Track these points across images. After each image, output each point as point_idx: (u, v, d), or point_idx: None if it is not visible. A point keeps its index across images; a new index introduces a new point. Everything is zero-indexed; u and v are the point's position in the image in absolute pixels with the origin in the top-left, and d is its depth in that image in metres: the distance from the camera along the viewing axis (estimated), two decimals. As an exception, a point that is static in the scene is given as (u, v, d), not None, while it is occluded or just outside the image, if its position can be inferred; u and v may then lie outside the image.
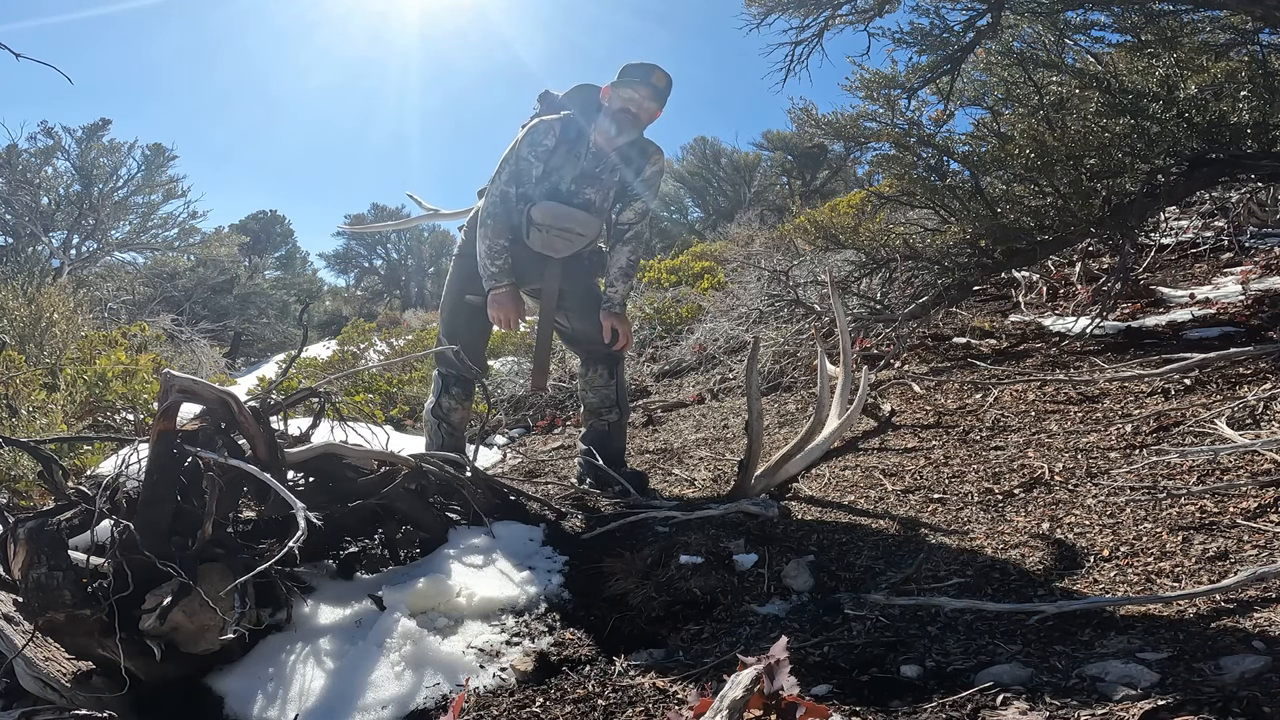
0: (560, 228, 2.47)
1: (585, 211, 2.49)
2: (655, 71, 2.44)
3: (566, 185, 2.50)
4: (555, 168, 2.50)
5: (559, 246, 2.51)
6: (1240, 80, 2.97)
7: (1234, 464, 1.76)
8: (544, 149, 2.49)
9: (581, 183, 2.51)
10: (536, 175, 2.50)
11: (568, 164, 2.50)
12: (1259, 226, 4.39)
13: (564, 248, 2.52)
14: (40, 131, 14.34)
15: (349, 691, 1.37)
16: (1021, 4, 3.17)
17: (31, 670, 1.30)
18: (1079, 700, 1.01)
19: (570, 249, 2.53)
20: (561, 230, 2.48)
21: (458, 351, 2.39)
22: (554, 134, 2.48)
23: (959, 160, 3.41)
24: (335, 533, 1.87)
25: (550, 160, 2.50)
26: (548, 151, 2.49)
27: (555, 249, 2.51)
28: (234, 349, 15.57)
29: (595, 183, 2.52)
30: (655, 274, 7.43)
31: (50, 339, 4.61)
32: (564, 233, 2.48)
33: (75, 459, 2.91)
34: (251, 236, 22.25)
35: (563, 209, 2.47)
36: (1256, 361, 2.36)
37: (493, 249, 2.46)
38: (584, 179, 2.51)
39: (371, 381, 4.74)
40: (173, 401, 1.48)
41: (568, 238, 2.49)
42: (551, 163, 2.50)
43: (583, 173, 2.51)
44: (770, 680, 0.99)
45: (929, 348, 3.71)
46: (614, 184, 2.57)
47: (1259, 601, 1.22)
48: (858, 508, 2.06)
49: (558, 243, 2.50)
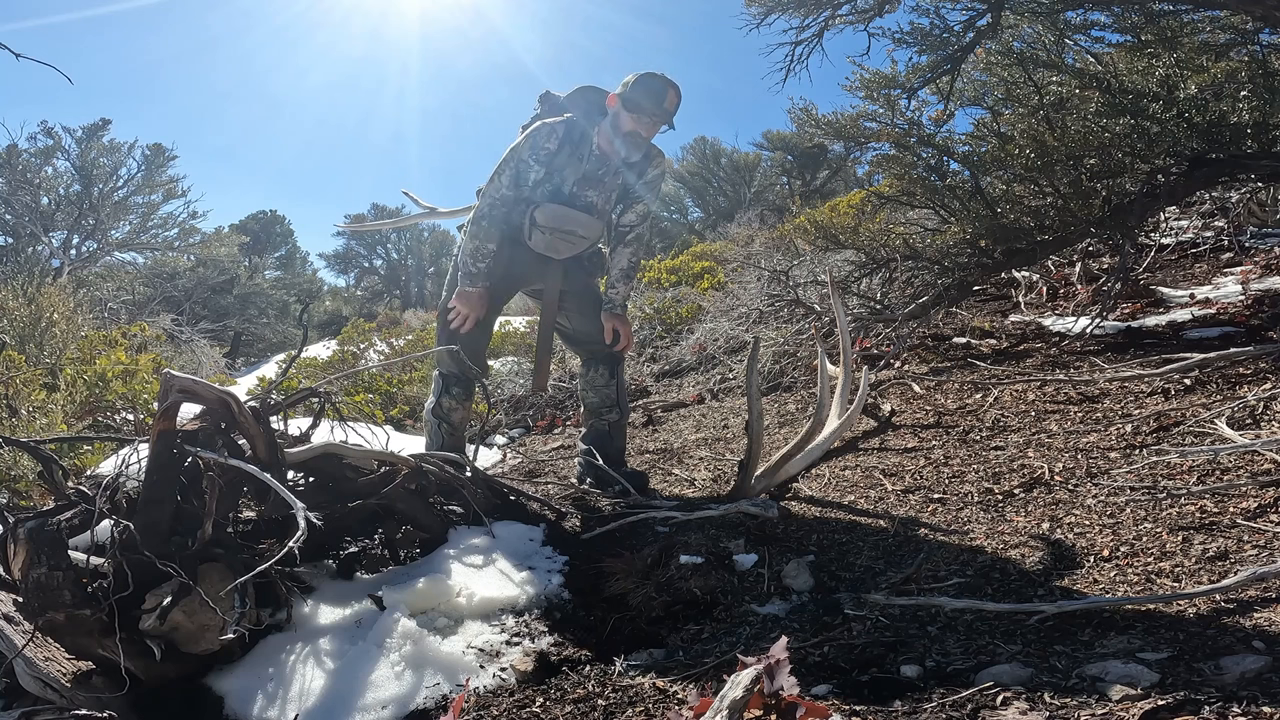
0: (563, 230, 2.48)
1: (587, 214, 2.49)
2: (667, 94, 2.42)
3: (569, 187, 2.50)
4: (557, 170, 2.49)
5: (561, 248, 2.51)
6: (1240, 80, 2.97)
7: (1234, 464, 1.76)
8: (545, 151, 2.47)
9: (584, 185, 2.51)
10: (536, 178, 2.49)
11: (570, 166, 2.49)
12: (1259, 226, 4.39)
13: (566, 250, 2.52)
14: (40, 131, 14.38)
15: (349, 691, 1.37)
16: (1021, 4, 3.17)
17: (31, 670, 1.30)
18: (1079, 700, 1.01)
19: (572, 251, 2.54)
20: (564, 232, 2.48)
21: (457, 351, 2.39)
22: (556, 136, 2.47)
23: (959, 160, 3.41)
24: (335, 533, 1.87)
25: (552, 162, 2.49)
26: (549, 154, 2.48)
27: (557, 251, 2.52)
28: (234, 349, 15.57)
29: (598, 185, 2.52)
30: (655, 274, 7.43)
31: (50, 339, 4.61)
32: (567, 235, 2.49)
33: (75, 459, 2.91)
34: (251, 236, 22.24)
35: (566, 211, 2.47)
36: (1256, 361, 2.36)
37: (479, 251, 2.46)
38: (586, 181, 2.51)
39: (371, 381, 4.75)
40: (173, 401, 1.48)
41: (570, 240, 2.50)
42: (554, 165, 2.49)
43: (585, 175, 2.50)
44: (770, 680, 0.99)
45: (929, 348, 3.71)
46: (616, 186, 2.57)
47: (1259, 601, 1.22)
48: (858, 508, 2.06)
49: (560, 245, 2.50)
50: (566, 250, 2.51)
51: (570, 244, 2.50)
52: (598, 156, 2.49)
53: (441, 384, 2.64)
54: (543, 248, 2.50)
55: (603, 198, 2.54)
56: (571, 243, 2.50)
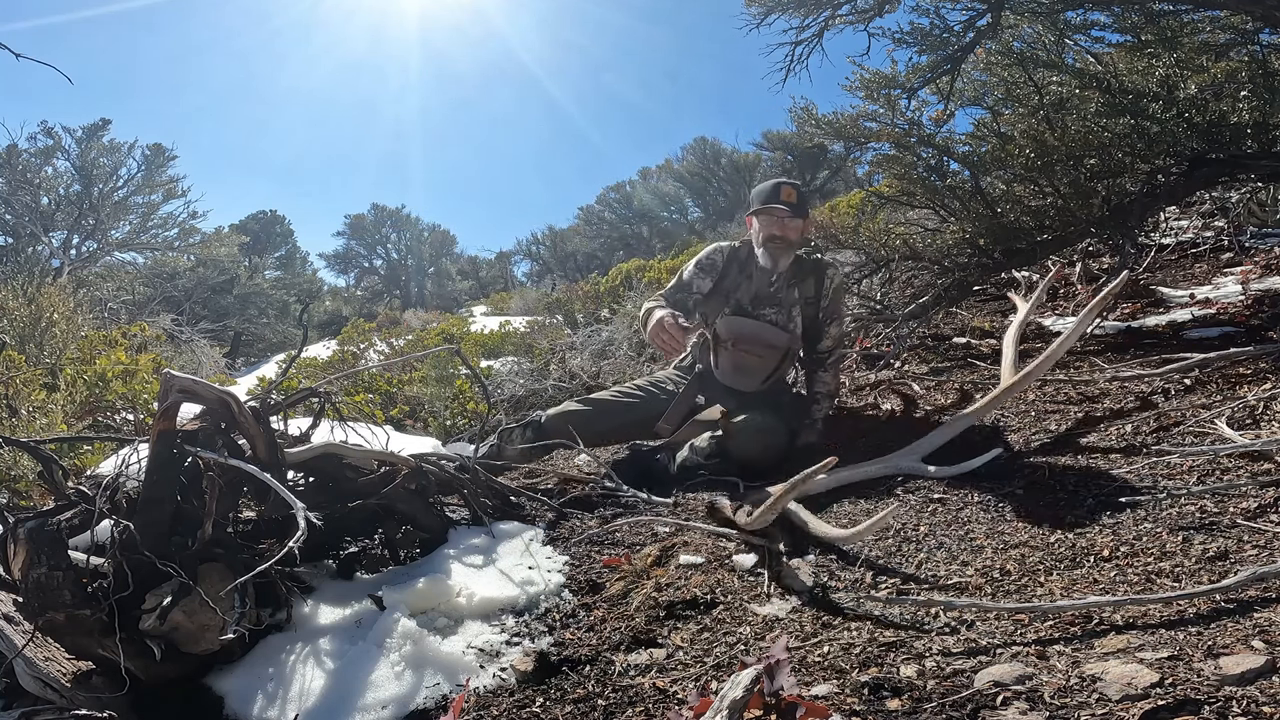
0: (746, 340, 2.48)
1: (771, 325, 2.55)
2: (782, 189, 2.51)
3: (746, 304, 2.60)
4: (731, 289, 2.62)
5: (749, 366, 2.50)
6: (1240, 80, 2.97)
7: (1234, 464, 1.76)
8: (710, 263, 2.65)
9: (759, 304, 2.59)
10: (702, 290, 2.63)
11: (743, 285, 2.62)
12: (1259, 226, 4.39)
13: (755, 368, 2.50)
14: (40, 131, 14.37)
15: (349, 691, 1.37)
16: (1021, 4, 3.17)
17: (31, 670, 1.30)
18: (1079, 700, 1.01)
19: (760, 370, 2.51)
20: (748, 344, 2.48)
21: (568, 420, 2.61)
22: (723, 254, 2.65)
23: (959, 160, 3.41)
24: (335, 533, 1.87)
25: (725, 281, 2.63)
26: (714, 267, 2.65)
27: (746, 370, 2.50)
28: (234, 349, 15.56)
29: (773, 302, 2.60)
30: (655, 274, 7.43)
31: (50, 339, 4.61)
32: (751, 345, 2.48)
33: (75, 459, 2.90)
34: (251, 236, 22.24)
35: (748, 321, 2.52)
36: (1256, 361, 2.35)
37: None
38: (760, 300, 2.60)
39: (371, 381, 4.74)
40: (173, 401, 1.48)
41: (756, 351, 2.49)
42: (727, 284, 2.63)
43: (758, 294, 2.60)
44: (770, 680, 0.99)
45: (929, 348, 3.70)
46: (795, 301, 2.59)
47: (1259, 601, 1.22)
48: (857, 507, 2.06)
49: (748, 361, 2.49)
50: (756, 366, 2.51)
51: (759, 357, 2.50)
52: (763, 270, 2.59)
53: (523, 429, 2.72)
54: (730, 369, 2.52)
55: (782, 316, 2.59)
56: (760, 355, 2.50)
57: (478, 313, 13.94)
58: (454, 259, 32.21)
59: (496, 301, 15.82)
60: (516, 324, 7.06)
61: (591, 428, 2.58)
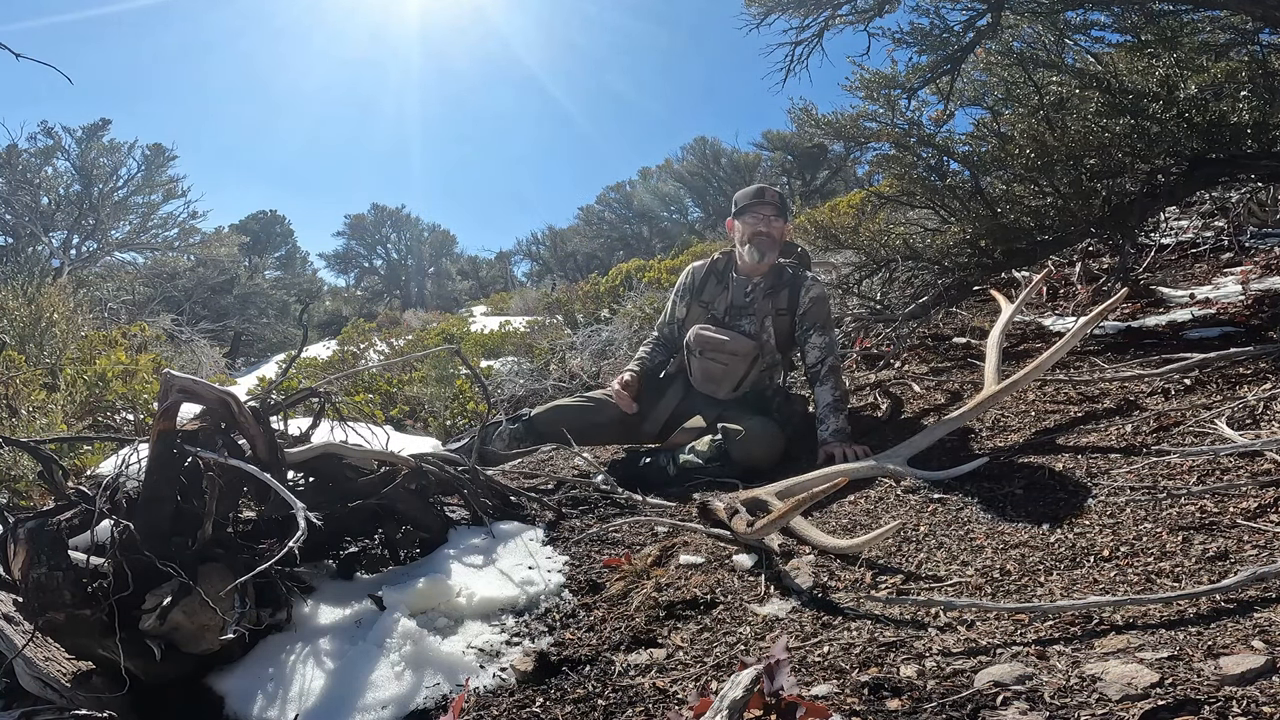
0: (712, 348, 2.58)
1: (739, 333, 2.62)
2: (765, 191, 2.66)
3: (720, 316, 2.69)
4: (709, 301, 2.73)
5: (716, 373, 2.59)
6: (1240, 80, 2.97)
7: (1234, 464, 1.75)
8: (683, 287, 2.79)
9: (734, 314, 2.68)
10: (680, 316, 2.77)
11: (720, 295, 2.71)
12: (1259, 226, 4.39)
13: (722, 375, 2.58)
14: (40, 131, 14.37)
15: (349, 691, 1.37)
16: (1021, 4, 3.17)
17: (31, 670, 1.30)
18: (1079, 700, 1.01)
19: (728, 377, 2.59)
20: (714, 352, 2.58)
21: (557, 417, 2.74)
22: (699, 271, 2.78)
23: (959, 160, 3.41)
24: (335, 533, 1.87)
25: (703, 294, 2.74)
26: (691, 286, 2.77)
27: (714, 377, 2.60)
28: (234, 349, 15.56)
29: (748, 312, 2.67)
30: (655, 274, 7.43)
31: (50, 339, 4.61)
32: (716, 353, 2.58)
33: (75, 459, 2.90)
34: (251, 236, 22.25)
35: (712, 330, 2.61)
36: (1256, 361, 2.35)
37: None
38: (735, 310, 2.68)
39: (371, 381, 4.74)
40: (173, 401, 1.48)
41: (720, 359, 2.58)
42: (705, 295, 2.74)
43: (733, 303, 2.68)
44: (770, 680, 0.99)
45: (929, 348, 3.70)
46: (768, 312, 2.65)
47: (1259, 601, 1.22)
48: (857, 507, 2.06)
49: (714, 368, 2.58)
50: (723, 376, 2.60)
51: (723, 365, 2.58)
52: (740, 280, 2.69)
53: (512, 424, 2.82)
54: (701, 376, 2.62)
55: (755, 325, 2.65)
56: (724, 364, 2.58)
57: (478, 313, 13.94)
58: (454, 259, 32.21)
59: (496, 301, 15.82)
60: (516, 324, 7.05)
61: (574, 425, 2.70)
